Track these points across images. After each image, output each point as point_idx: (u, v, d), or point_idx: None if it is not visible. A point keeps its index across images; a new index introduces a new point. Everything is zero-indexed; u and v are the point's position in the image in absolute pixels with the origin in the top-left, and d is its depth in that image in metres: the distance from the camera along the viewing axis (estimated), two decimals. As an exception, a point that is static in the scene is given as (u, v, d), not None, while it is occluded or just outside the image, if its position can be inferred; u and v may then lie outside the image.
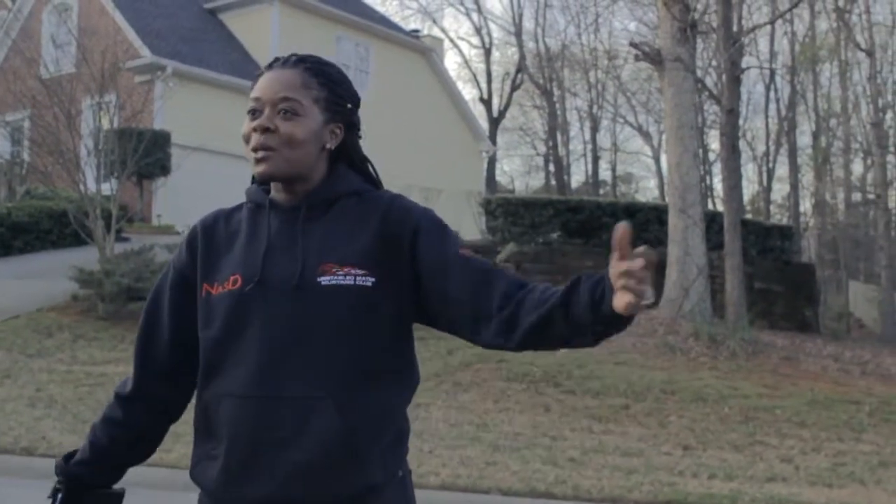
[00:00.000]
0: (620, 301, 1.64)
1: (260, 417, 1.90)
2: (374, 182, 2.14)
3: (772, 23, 26.14)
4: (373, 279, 1.93)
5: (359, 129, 2.15)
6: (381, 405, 1.95)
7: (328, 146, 2.05)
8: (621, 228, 1.67)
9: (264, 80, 2.03)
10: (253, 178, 2.11)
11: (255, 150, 1.99)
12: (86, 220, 14.04)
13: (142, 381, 2.12)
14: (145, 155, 16.56)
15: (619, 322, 1.72)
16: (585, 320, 1.75)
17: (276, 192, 2.05)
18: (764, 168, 40.37)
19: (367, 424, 1.92)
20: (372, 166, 2.17)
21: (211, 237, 2.07)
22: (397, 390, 2.01)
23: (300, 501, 1.90)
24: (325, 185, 2.04)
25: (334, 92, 2.06)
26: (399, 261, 1.96)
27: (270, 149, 1.97)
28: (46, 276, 14.39)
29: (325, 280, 1.92)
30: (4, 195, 19.63)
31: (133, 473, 6.93)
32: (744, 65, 18.86)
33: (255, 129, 1.99)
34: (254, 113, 2.01)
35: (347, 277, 1.92)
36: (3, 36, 25.39)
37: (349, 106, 2.09)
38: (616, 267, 1.65)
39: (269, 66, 2.07)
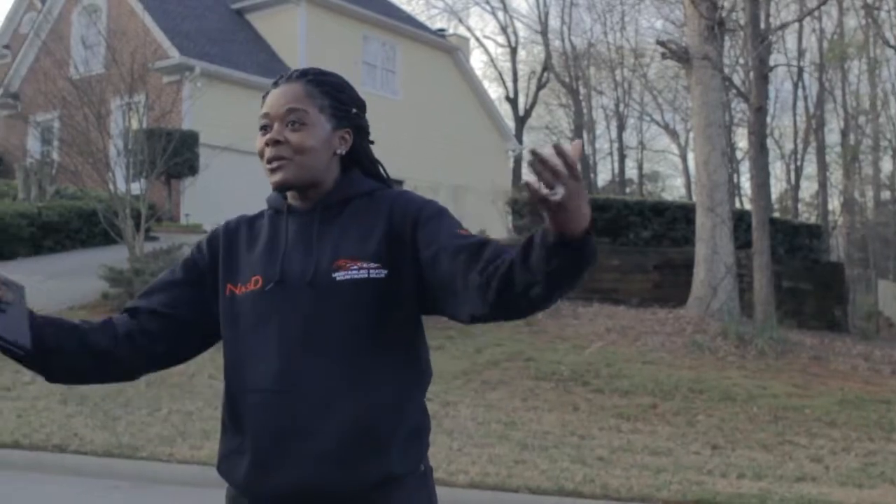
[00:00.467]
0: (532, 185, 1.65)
1: (282, 410, 1.99)
2: (386, 184, 2.24)
3: (800, 20, 25.99)
4: (385, 271, 2.03)
5: (368, 133, 2.25)
6: (398, 396, 2.04)
7: (339, 152, 2.16)
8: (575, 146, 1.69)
9: (271, 98, 2.14)
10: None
11: (268, 161, 2.10)
12: (115, 219, 14.15)
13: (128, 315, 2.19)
14: (174, 155, 16.67)
15: (565, 250, 1.70)
16: (538, 258, 1.74)
17: (293, 199, 2.16)
18: (792, 166, 40.16)
19: (385, 414, 2.00)
20: (382, 168, 2.26)
21: (233, 240, 2.19)
22: (412, 381, 2.10)
23: (325, 490, 1.97)
24: (337, 188, 2.15)
25: (338, 98, 2.16)
26: (405, 254, 2.04)
27: (283, 158, 2.08)
28: (77, 275, 14.52)
29: (339, 275, 2.02)
30: (35, 195, 19.80)
31: (162, 470, 6.98)
32: (772, 62, 18.74)
33: (267, 144, 2.10)
34: (265, 129, 2.12)
35: (361, 271, 2.02)
36: (34, 37, 25.60)
37: (354, 111, 2.19)
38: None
39: (275, 84, 2.18)
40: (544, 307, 1.88)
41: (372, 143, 2.27)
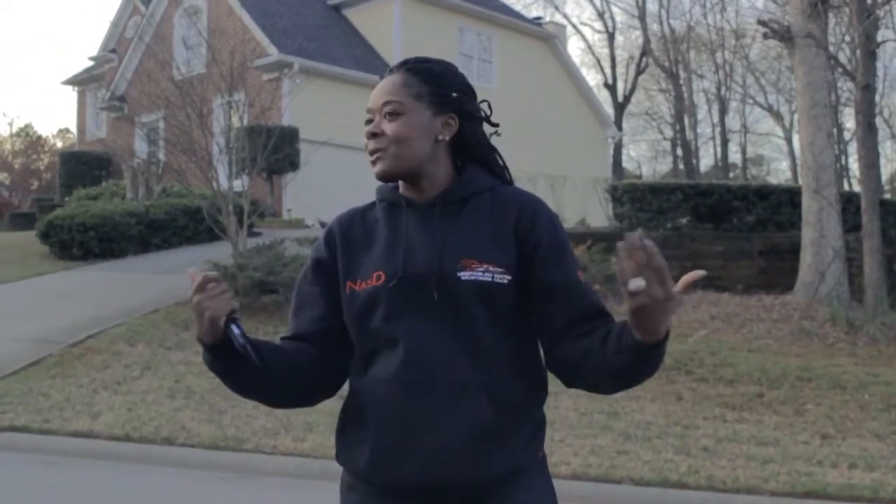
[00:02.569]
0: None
1: (409, 402, 2.01)
2: (502, 172, 2.25)
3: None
4: (509, 277, 2.05)
5: (478, 117, 2.23)
6: (523, 393, 2.08)
7: (441, 138, 2.14)
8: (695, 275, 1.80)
9: (373, 92, 2.17)
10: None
11: (370, 153, 2.13)
12: (219, 216, 14.42)
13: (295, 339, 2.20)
14: (274, 151, 16.93)
15: (641, 349, 1.83)
16: (612, 348, 1.91)
17: (407, 191, 2.17)
18: (903, 145, 38.85)
19: (514, 410, 2.04)
20: (499, 155, 2.26)
21: (348, 236, 2.20)
22: (534, 381, 2.13)
23: (449, 484, 2.00)
24: (456, 185, 2.15)
25: (436, 84, 2.15)
26: (521, 263, 2.08)
27: (380, 150, 2.11)
28: (183, 271, 14.79)
29: (464, 275, 2.03)
30: (142, 194, 20.34)
31: (266, 462, 7.06)
32: (879, 38, 18.15)
33: (367, 137, 2.14)
34: (369, 124, 2.15)
35: (486, 274, 2.03)
36: (138, 41, 26.27)
37: (455, 95, 2.17)
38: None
39: (381, 78, 2.20)
40: (605, 393, 2.11)
41: (496, 125, 2.28)
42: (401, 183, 2.17)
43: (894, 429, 8.56)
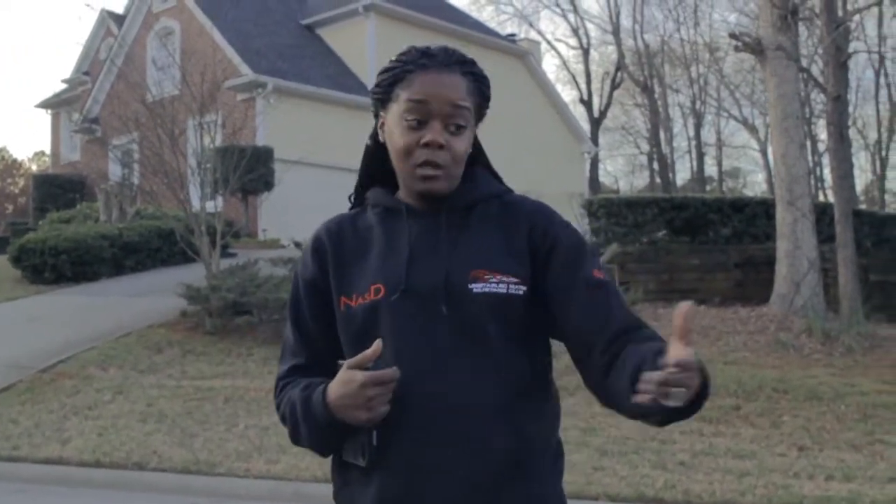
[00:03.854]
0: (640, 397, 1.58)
1: (422, 437, 1.80)
2: (498, 178, 2.08)
3: (879, 4, 25.27)
4: (524, 288, 1.86)
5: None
6: (543, 419, 1.92)
7: (469, 152, 1.96)
8: (685, 309, 1.62)
9: (431, 82, 1.88)
10: (358, 186, 2.04)
11: (422, 165, 1.87)
12: (192, 237, 14.32)
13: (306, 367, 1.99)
14: (248, 171, 16.83)
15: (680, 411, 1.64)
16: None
17: (408, 198, 1.95)
18: (877, 156, 39.15)
19: (535, 439, 1.87)
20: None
21: (339, 245, 1.97)
22: (552, 404, 1.97)
23: None
24: (463, 189, 1.94)
25: (485, 96, 1.97)
26: (536, 271, 1.89)
27: (440, 167, 1.87)
28: (156, 294, 14.73)
29: (477, 287, 1.83)
30: (116, 216, 20.19)
31: (239, 486, 6.94)
32: (850, 49, 18.24)
33: (424, 145, 1.86)
34: (418, 121, 1.87)
35: (500, 285, 1.84)
36: (110, 63, 26.18)
37: (487, 109, 2.01)
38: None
39: (423, 66, 1.89)
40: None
41: None
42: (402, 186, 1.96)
43: (871, 439, 8.54)
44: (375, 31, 26.94)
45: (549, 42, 49.42)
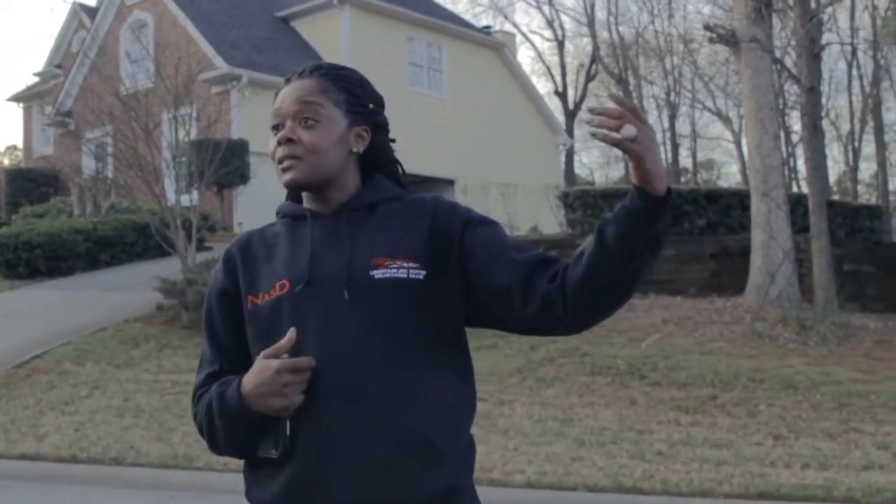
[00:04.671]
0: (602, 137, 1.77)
1: (329, 421, 1.84)
2: (405, 185, 2.13)
3: (851, -3, 25.43)
4: (424, 272, 1.91)
5: (388, 131, 2.13)
6: (454, 404, 1.93)
7: (355, 150, 2.04)
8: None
9: (282, 94, 2.04)
10: (287, 195, 2.12)
11: (280, 161, 2.00)
12: (167, 231, 14.25)
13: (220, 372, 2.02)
14: (223, 164, 16.75)
15: (650, 205, 1.76)
16: (618, 228, 1.77)
17: (311, 203, 2.04)
18: (850, 147, 39.43)
19: (444, 422, 1.89)
20: (402, 168, 2.15)
21: (248, 254, 2.05)
22: (464, 391, 1.99)
23: (381, 502, 1.83)
24: (363, 193, 2.03)
25: (353, 93, 2.05)
26: (448, 255, 1.94)
27: (295, 157, 1.97)
28: (132, 288, 14.65)
29: (377, 273, 1.89)
30: (90, 210, 20.06)
31: (217, 480, 6.90)
32: (823, 41, 18.35)
33: (279, 143, 2.00)
34: (276, 128, 2.02)
35: (401, 270, 1.90)
36: (83, 56, 25.95)
37: (371, 106, 2.07)
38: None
39: (287, 81, 2.07)
40: (630, 285, 1.85)
41: (393, 141, 2.14)
42: (305, 196, 2.05)
43: (846, 428, 8.62)
44: (350, 23, 26.84)
45: (524, 34, 49.37)
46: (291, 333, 1.83)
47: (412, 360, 1.88)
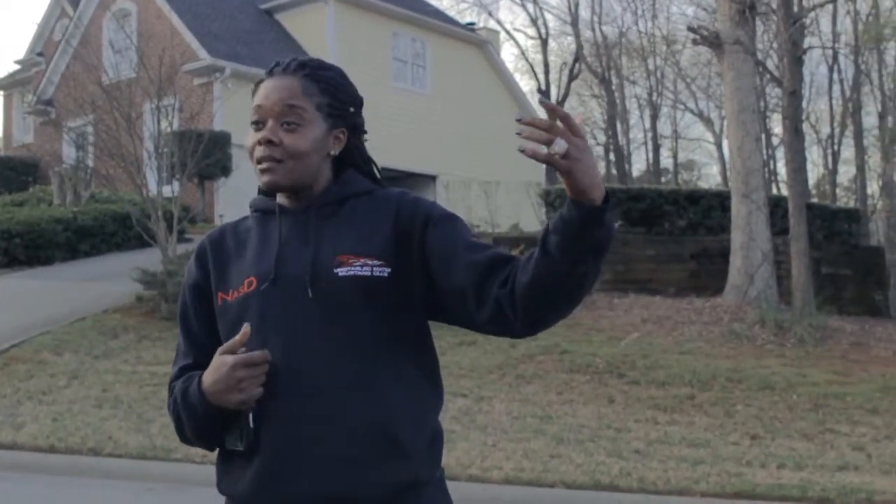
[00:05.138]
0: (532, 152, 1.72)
1: (291, 415, 1.88)
2: (379, 183, 2.14)
3: (833, 1, 25.56)
4: (388, 270, 1.93)
5: (363, 131, 2.14)
6: (415, 399, 1.95)
7: (332, 153, 2.05)
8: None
9: (265, 90, 2.02)
10: (259, 189, 2.13)
11: (259, 161, 2.00)
12: (148, 221, 14.20)
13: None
14: (205, 156, 16.69)
15: (585, 216, 1.71)
16: (559, 239, 1.75)
17: (282, 199, 2.06)
18: (829, 151, 39.66)
19: (405, 416, 1.91)
20: (376, 166, 2.16)
21: (219, 249, 2.09)
22: (427, 387, 2.00)
23: (344, 495, 1.87)
24: (332, 189, 2.04)
25: (336, 97, 2.04)
26: (411, 253, 1.96)
27: (275, 160, 1.97)
28: (112, 279, 14.59)
29: (341, 271, 1.92)
30: (70, 200, 19.95)
31: (196, 472, 6.88)
32: (805, 45, 18.47)
33: (259, 142, 1.99)
34: (257, 124, 2.01)
35: (364, 268, 1.92)
36: (65, 44, 25.81)
37: (351, 109, 2.08)
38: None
39: (270, 73, 2.06)
40: (577, 291, 1.83)
41: (366, 139, 2.17)
42: (279, 194, 2.07)
43: (822, 429, 8.70)
44: (335, 17, 26.77)
45: (507, 32, 49.32)
46: (246, 328, 1.87)
47: (374, 357, 1.91)
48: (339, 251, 1.94)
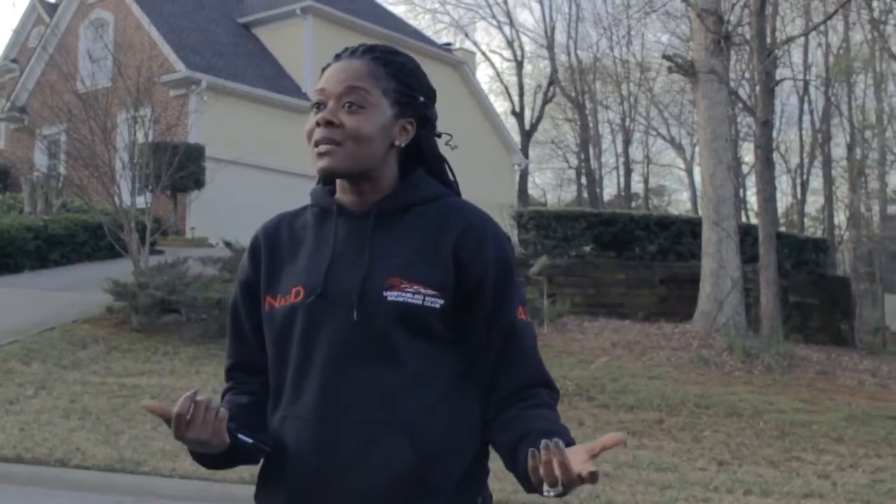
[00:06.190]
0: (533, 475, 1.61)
1: (322, 442, 1.79)
2: (451, 185, 2.04)
3: (806, 34, 25.96)
4: (441, 302, 1.82)
5: (434, 126, 2.02)
6: (455, 437, 1.84)
7: (398, 143, 1.91)
8: (614, 439, 1.66)
9: (329, 72, 1.91)
10: (318, 179, 2.01)
11: (316, 144, 1.86)
12: (120, 232, 14.15)
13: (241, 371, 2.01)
14: (179, 168, 16.68)
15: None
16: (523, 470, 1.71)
17: (343, 194, 1.92)
18: (798, 180, 40.09)
19: (439, 456, 1.80)
20: (449, 167, 2.06)
21: (274, 246, 1.96)
22: (468, 422, 1.88)
23: None
24: (398, 191, 1.92)
25: (405, 83, 1.93)
26: (465, 289, 1.85)
27: (334, 142, 1.84)
28: (82, 289, 14.50)
29: (391, 295, 1.80)
30: (41, 208, 19.82)
31: (165, 485, 6.84)
32: (778, 76, 18.72)
33: (318, 123, 1.86)
34: (318, 106, 1.88)
35: (416, 296, 1.80)
36: (41, 51, 25.69)
37: (422, 99, 1.96)
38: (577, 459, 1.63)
39: (337, 57, 1.95)
40: None
41: (439, 136, 2.05)
42: (339, 185, 1.93)
43: (788, 456, 8.78)
44: (312, 33, 26.83)
45: (483, 53, 49.53)
46: (149, 406, 1.70)
47: (414, 392, 1.80)
48: (393, 271, 1.82)
